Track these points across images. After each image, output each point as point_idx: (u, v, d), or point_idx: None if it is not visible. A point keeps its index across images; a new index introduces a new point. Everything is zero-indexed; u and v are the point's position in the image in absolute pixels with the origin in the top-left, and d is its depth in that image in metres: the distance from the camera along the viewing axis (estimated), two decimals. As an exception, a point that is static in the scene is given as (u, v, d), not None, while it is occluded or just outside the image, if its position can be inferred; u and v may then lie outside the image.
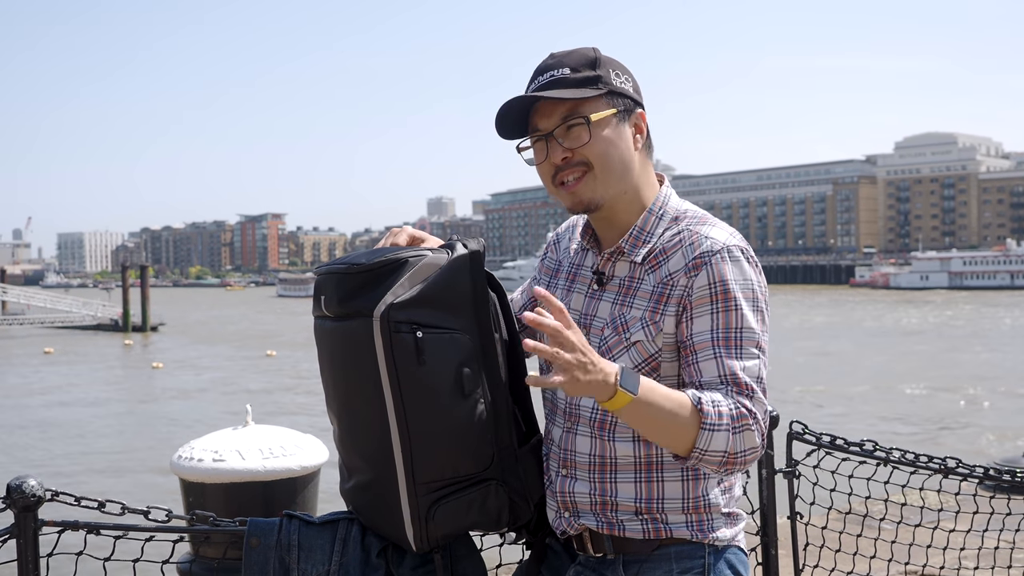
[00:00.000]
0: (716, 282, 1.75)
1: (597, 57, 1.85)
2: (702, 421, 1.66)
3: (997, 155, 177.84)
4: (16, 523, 2.27)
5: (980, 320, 52.98)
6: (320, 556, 1.88)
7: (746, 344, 1.73)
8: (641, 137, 1.88)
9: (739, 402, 1.69)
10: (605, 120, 1.82)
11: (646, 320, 1.79)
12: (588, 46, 1.87)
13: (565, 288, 1.96)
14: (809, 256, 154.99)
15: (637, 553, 1.84)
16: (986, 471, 3.72)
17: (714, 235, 1.80)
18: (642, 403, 1.62)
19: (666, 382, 1.78)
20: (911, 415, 20.74)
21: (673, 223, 1.86)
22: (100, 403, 25.48)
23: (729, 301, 1.74)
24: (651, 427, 1.67)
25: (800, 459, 3.31)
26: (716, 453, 1.67)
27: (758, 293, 1.78)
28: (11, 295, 62.48)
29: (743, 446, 1.68)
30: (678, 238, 1.83)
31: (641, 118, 1.88)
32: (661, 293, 1.79)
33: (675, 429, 1.66)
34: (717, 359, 1.72)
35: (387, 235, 1.92)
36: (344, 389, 1.85)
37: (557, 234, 2.11)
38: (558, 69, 1.83)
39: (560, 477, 1.90)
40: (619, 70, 1.87)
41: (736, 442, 1.67)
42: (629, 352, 1.80)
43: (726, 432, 1.66)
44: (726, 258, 1.77)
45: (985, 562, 4.16)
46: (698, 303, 1.75)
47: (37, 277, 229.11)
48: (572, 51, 1.86)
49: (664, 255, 1.82)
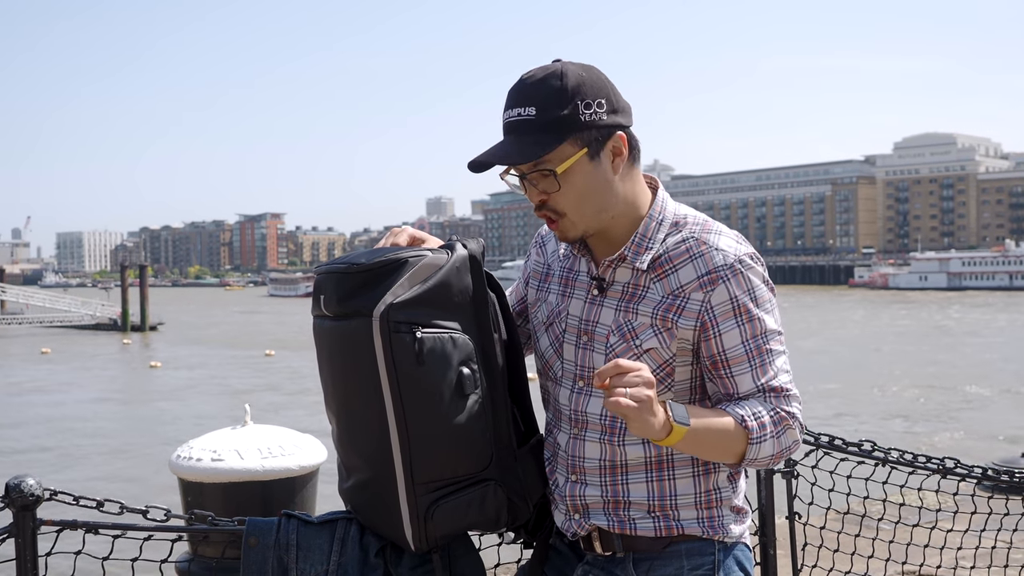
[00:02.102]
0: (736, 296, 1.77)
1: (564, 87, 1.73)
2: (749, 438, 1.73)
3: (996, 155, 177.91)
4: (15, 522, 2.28)
5: (979, 319, 52.99)
6: (318, 556, 1.88)
7: (773, 345, 1.79)
8: (621, 160, 1.80)
9: (778, 408, 1.76)
10: (573, 167, 1.76)
11: (658, 327, 1.79)
12: (555, 66, 1.76)
13: (560, 293, 1.94)
14: (808, 256, 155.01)
15: (647, 551, 1.84)
16: (984, 471, 3.72)
17: (723, 246, 1.79)
18: (694, 432, 1.68)
19: (680, 387, 1.81)
20: (910, 414, 20.75)
21: (674, 228, 1.84)
22: (99, 402, 25.47)
23: (752, 311, 1.78)
24: (702, 451, 1.75)
25: (799, 459, 3.31)
26: (764, 459, 1.77)
27: (770, 293, 1.81)
28: (10, 294, 62.41)
29: (786, 444, 1.78)
30: (685, 247, 1.81)
31: (621, 140, 1.79)
32: (672, 304, 1.79)
33: (724, 449, 1.75)
34: (752, 371, 1.78)
35: (387, 235, 1.92)
36: (343, 389, 1.85)
37: (542, 236, 2.08)
38: (525, 107, 1.75)
39: (569, 483, 1.89)
40: (590, 96, 1.75)
41: (780, 443, 1.77)
42: (641, 359, 1.79)
43: (772, 440, 1.75)
44: (740, 270, 1.78)
45: (983, 562, 4.17)
46: (723, 318, 1.77)
47: (36, 276, 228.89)
48: (541, 79, 1.75)
49: (671, 264, 1.81)
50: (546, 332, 1.95)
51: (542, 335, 1.97)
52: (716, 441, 1.72)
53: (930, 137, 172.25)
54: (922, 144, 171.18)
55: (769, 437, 1.74)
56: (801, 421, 1.79)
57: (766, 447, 1.74)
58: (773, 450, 1.75)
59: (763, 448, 1.74)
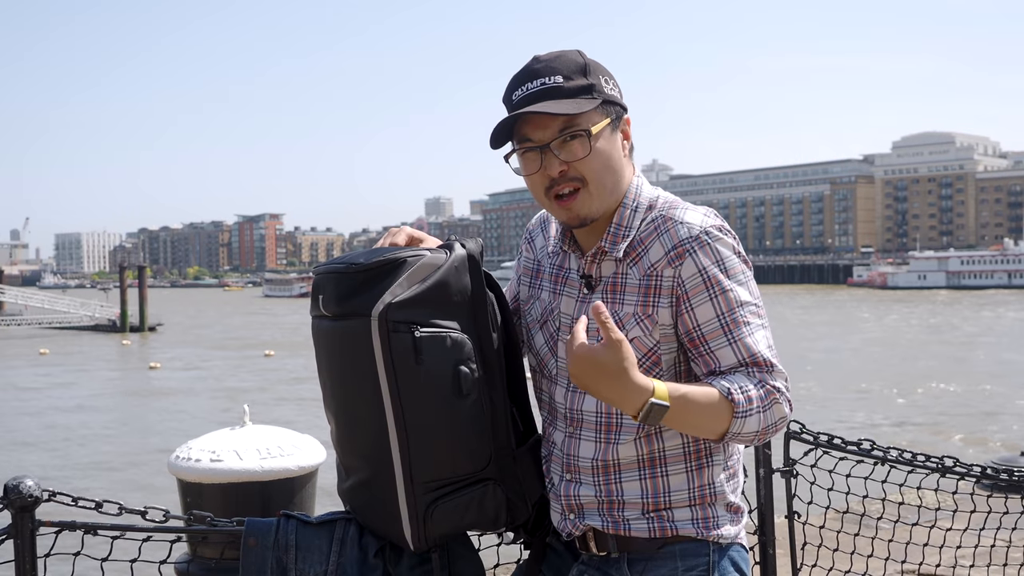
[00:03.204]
0: (705, 267, 1.75)
1: (586, 63, 1.80)
2: (734, 411, 1.69)
3: (995, 154, 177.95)
4: (13, 523, 2.27)
5: (977, 319, 52.99)
6: (318, 556, 1.88)
7: (751, 318, 1.76)
8: (627, 144, 1.86)
9: (763, 380, 1.73)
10: (602, 132, 1.79)
11: (639, 315, 1.79)
12: (571, 49, 1.82)
13: (551, 291, 1.94)
14: (807, 256, 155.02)
15: (642, 551, 1.84)
16: (983, 470, 3.73)
17: (689, 219, 1.79)
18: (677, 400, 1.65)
19: (667, 376, 1.80)
20: (909, 414, 20.76)
21: (647, 212, 1.84)
22: (98, 403, 25.46)
23: (723, 282, 1.75)
24: (686, 422, 1.71)
25: (798, 458, 3.31)
26: (749, 434, 1.72)
27: (743, 265, 1.79)
28: (8, 295, 62.38)
29: (773, 419, 1.73)
30: (653, 226, 1.81)
31: (627, 124, 1.85)
32: (648, 285, 1.79)
33: (709, 420, 1.71)
34: (731, 344, 1.75)
35: (386, 235, 1.92)
36: (342, 389, 1.85)
37: (530, 231, 2.08)
38: (550, 76, 1.78)
39: (564, 482, 1.89)
40: (606, 76, 1.82)
41: (767, 418, 1.72)
42: None
43: (758, 414, 1.71)
44: (706, 241, 1.76)
45: (982, 561, 4.17)
46: (694, 292, 1.76)
47: (34, 278, 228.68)
48: (558, 55, 1.81)
49: (643, 245, 1.81)
50: (540, 330, 1.96)
51: (536, 333, 1.97)
52: (700, 411, 1.68)
53: (929, 136, 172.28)
54: (921, 143, 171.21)
55: (756, 411, 1.70)
56: (788, 396, 1.75)
57: (751, 422, 1.70)
58: (759, 425, 1.71)
59: (748, 423, 1.70)
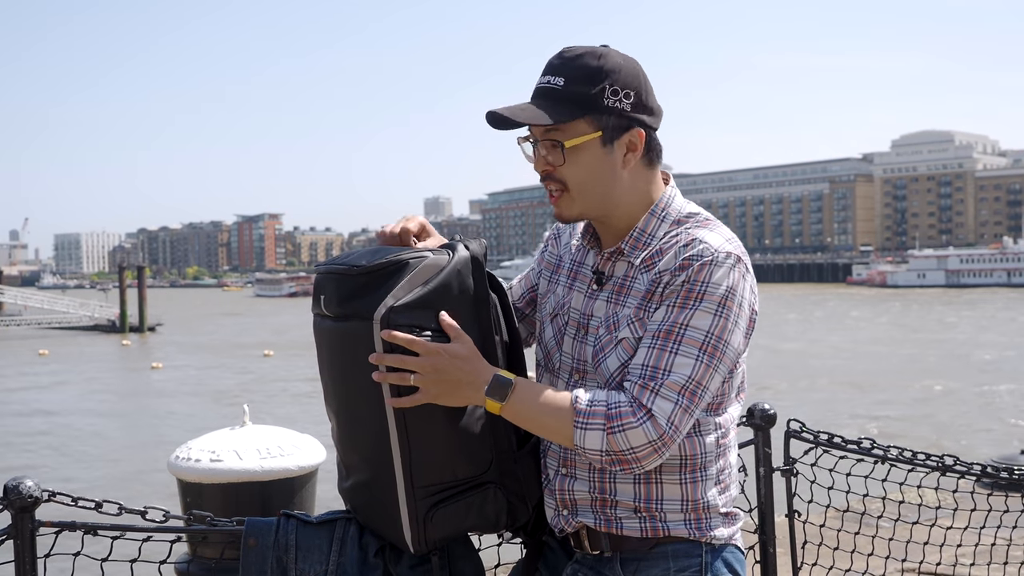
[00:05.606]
0: (689, 281, 1.73)
1: (601, 68, 1.76)
2: (574, 420, 1.70)
3: (994, 153, 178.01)
4: (13, 524, 2.27)
5: (977, 317, 53.01)
6: (318, 556, 1.87)
7: (687, 343, 1.71)
8: (634, 155, 1.82)
9: (634, 399, 1.70)
10: (583, 145, 1.78)
11: (632, 317, 1.79)
12: (598, 48, 1.80)
13: (566, 286, 1.96)
14: (806, 255, 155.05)
15: (634, 551, 1.83)
16: (983, 468, 3.73)
17: (709, 240, 1.77)
18: (519, 391, 1.72)
19: None
20: (909, 412, 20.76)
21: (675, 226, 1.84)
22: (97, 403, 25.47)
23: (691, 299, 1.72)
24: (530, 419, 1.76)
25: (798, 457, 3.31)
26: (593, 451, 1.70)
27: (731, 300, 1.73)
28: (8, 296, 62.42)
29: (626, 444, 1.68)
30: (675, 239, 1.81)
31: (639, 136, 1.80)
32: (649, 291, 1.79)
33: (552, 428, 1.74)
34: (648, 348, 1.73)
35: (400, 220, 1.93)
36: (343, 388, 1.85)
37: (558, 228, 2.09)
38: (555, 77, 1.78)
39: (559, 476, 1.89)
40: (619, 84, 1.77)
41: (615, 441, 1.68)
42: (616, 350, 1.79)
43: (599, 432, 1.69)
44: (708, 263, 1.73)
45: (982, 559, 4.17)
46: (667, 296, 1.75)
47: (34, 278, 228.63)
48: (579, 55, 1.78)
49: (660, 256, 1.81)
50: (550, 323, 1.97)
51: (547, 326, 1.98)
52: (544, 409, 1.72)
53: (928, 135, 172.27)
54: (920, 142, 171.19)
55: (597, 428, 1.68)
56: (661, 428, 1.66)
57: (592, 437, 1.69)
58: (601, 445, 1.68)
59: (589, 437, 1.69)
